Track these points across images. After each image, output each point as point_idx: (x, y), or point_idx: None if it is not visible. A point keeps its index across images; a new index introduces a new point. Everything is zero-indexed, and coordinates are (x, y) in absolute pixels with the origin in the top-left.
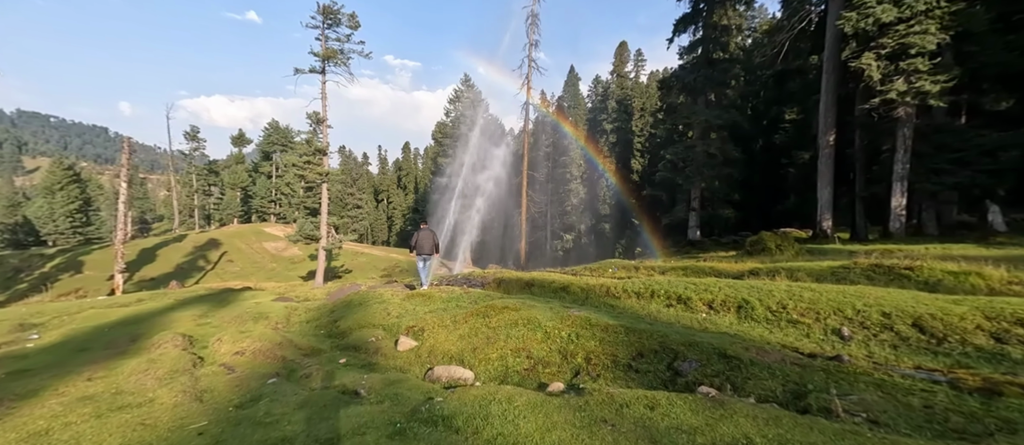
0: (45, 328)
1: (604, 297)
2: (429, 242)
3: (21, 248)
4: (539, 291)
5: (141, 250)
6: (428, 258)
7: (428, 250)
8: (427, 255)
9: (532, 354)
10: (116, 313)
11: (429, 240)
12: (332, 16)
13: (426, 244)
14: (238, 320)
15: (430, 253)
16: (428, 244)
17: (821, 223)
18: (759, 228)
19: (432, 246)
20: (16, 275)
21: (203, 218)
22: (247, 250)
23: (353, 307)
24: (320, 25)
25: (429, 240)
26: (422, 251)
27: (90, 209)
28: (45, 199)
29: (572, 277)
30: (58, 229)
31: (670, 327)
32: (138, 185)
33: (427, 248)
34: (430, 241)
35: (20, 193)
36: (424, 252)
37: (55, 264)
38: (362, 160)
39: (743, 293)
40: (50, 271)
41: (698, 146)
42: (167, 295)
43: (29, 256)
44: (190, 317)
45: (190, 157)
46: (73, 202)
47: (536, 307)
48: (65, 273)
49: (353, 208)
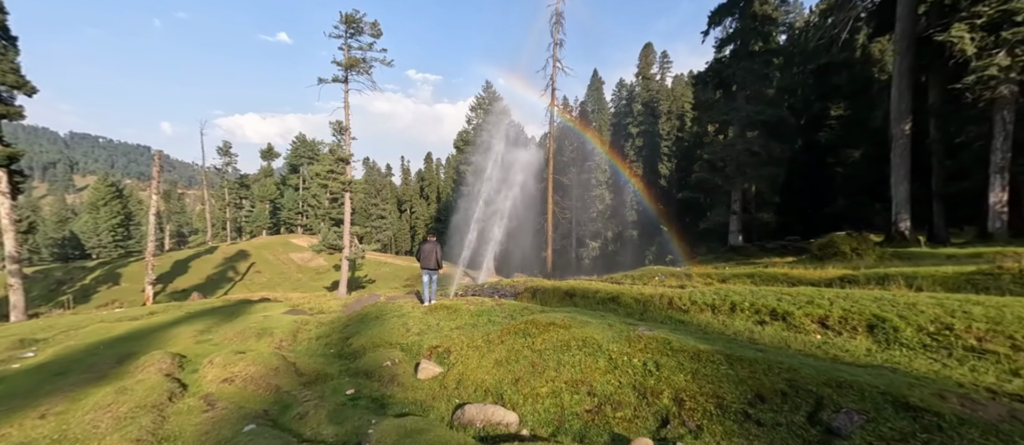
0: (47, 344)
1: (667, 310)
2: (433, 256)
3: (67, 261)
4: (583, 302)
5: (175, 262)
6: (433, 273)
7: (432, 264)
8: (432, 269)
9: (595, 389)
10: (121, 328)
11: (433, 254)
12: (355, 25)
13: (430, 258)
14: (240, 336)
15: (434, 268)
16: (432, 258)
17: (897, 224)
18: (803, 233)
19: (436, 262)
20: (59, 287)
21: (235, 230)
22: (274, 261)
23: (368, 321)
24: (343, 34)
25: (433, 254)
26: (427, 264)
27: (131, 223)
28: (90, 214)
29: (617, 286)
30: (101, 243)
31: (787, 354)
32: (176, 200)
33: (431, 262)
34: (434, 255)
35: (70, 209)
36: (428, 266)
37: (95, 276)
38: (385, 171)
39: (870, 307)
40: (90, 283)
41: (738, 144)
42: (180, 308)
43: (72, 269)
44: (191, 333)
45: (223, 172)
46: (115, 217)
47: (590, 323)
48: (104, 285)
49: (377, 218)
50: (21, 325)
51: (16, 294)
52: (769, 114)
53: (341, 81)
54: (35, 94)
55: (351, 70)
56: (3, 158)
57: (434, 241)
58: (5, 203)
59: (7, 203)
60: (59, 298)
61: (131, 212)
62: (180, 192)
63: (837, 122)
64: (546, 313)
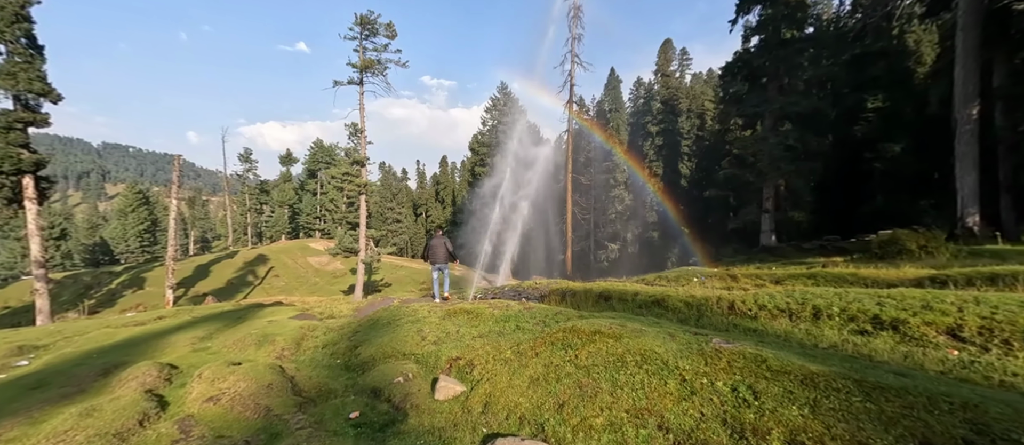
0: (46, 351)
1: (728, 316)
2: (442, 250)
3: (96, 266)
4: (622, 306)
5: (197, 266)
6: (443, 267)
7: (442, 259)
8: (442, 264)
9: (668, 422)
10: (123, 334)
11: (442, 248)
12: (369, 26)
13: (440, 252)
14: (239, 344)
15: (445, 262)
16: (441, 252)
17: (965, 219)
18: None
19: (446, 255)
20: (87, 291)
21: (255, 235)
22: (292, 265)
23: (380, 328)
24: (358, 36)
25: (442, 248)
26: (436, 260)
27: (157, 229)
28: (119, 221)
29: (657, 287)
30: (129, 248)
31: (941, 381)
32: (200, 206)
33: (441, 257)
34: (443, 249)
35: (101, 216)
36: (437, 261)
37: (121, 281)
38: (401, 175)
39: (1021, 313)
40: (116, 287)
41: (771, 138)
42: (189, 312)
43: (100, 273)
44: (189, 341)
45: (243, 178)
46: (142, 223)
47: (645, 332)
48: (129, 289)
49: (393, 222)
50: (29, 331)
51: (42, 299)
52: (804, 105)
53: (356, 83)
54: (60, 101)
55: (366, 72)
56: (29, 164)
57: (442, 235)
58: (32, 209)
59: (34, 209)
60: (87, 302)
61: (157, 218)
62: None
63: (875, 114)
64: (587, 319)
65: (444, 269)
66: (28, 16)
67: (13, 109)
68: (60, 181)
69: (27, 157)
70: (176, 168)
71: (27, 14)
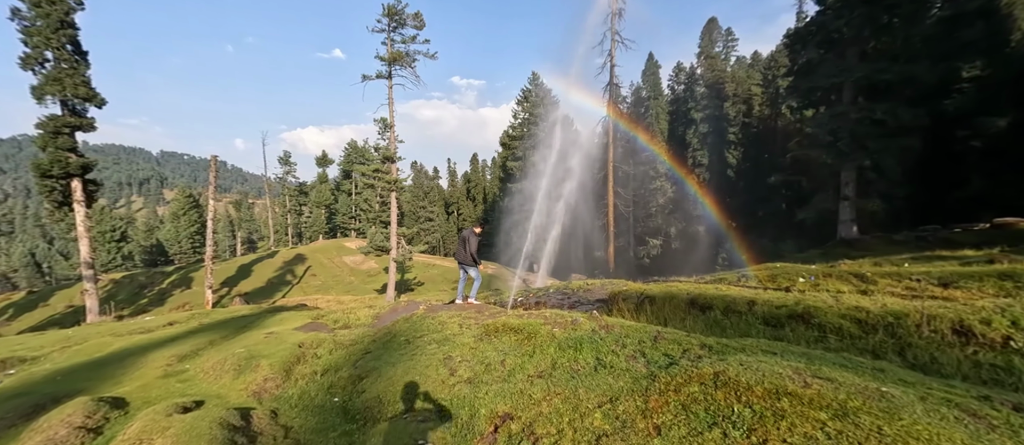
0: (34, 363)
1: (963, 347)
2: (465, 248)
3: (153, 266)
4: (735, 321)
5: (239, 266)
6: (467, 268)
7: (463, 259)
8: (466, 264)
9: None
10: (116, 345)
11: (465, 245)
12: (397, 17)
13: (462, 249)
14: (217, 369)
15: (470, 263)
16: (463, 250)
17: None
18: (924, 221)
19: (468, 254)
20: (141, 291)
21: (295, 235)
22: (329, 264)
23: (395, 349)
24: (386, 28)
25: (465, 245)
26: (459, 258)
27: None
28: (172, 223)
29: (772, 294)
30: (181, 249)
31: None
32: (246, 208)
33: (463, 255)
34: (466, 247)
35: (159, 219)
36: (459, 259)
37: (171, 280)
38: (433, 174)
39: None
40: (167, 287)
41: (852, 112)
42: (204, 316)
43: (153, 273)
44: (167, 360)
45: (283, 181)
46: (193, 225)
47: (894, 401)
48: (178, 288)
49: (425, 221)
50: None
51: (91, 298)
52: (896, 72)
53: (384, 77)
54: (104, 106)
55: (394, 64)
56: (77, 168)
57: (470, 230)
58: (80, 211)
59: (82, 211)
60: (140, 301)
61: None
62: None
63: (972, 85)
64: (730, 359)
65: (469, 271)
66: (72, 22)
67: (61, 114)
68: (124, 187)
69: (74, 160)
70: (212, 168)
71: (71, 21)
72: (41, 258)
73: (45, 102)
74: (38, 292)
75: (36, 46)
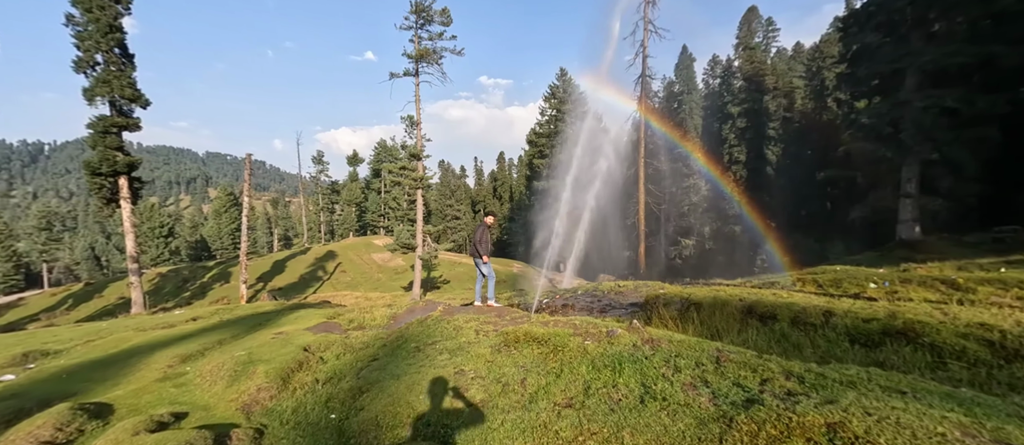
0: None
1: None
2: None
3: (196, 261)
4: (809, 334)
5: (274, 262)
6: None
7: (471, 252)
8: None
9: None
10: (134, 340)
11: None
12: (425, 13)
13: (471, 246)
14: (214, 373)
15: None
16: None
17: None
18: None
19: (473, 248)
20: (184, 284)
21: (328, 233)
22: (358, 261)
23: (403, 357)
24: (414, 25)
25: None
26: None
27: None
28: (214, 220)
29: (835, 299)
30: (222, 245)
31: None
32: (283, 206)
33: (471, 250)
34: (472, 241)
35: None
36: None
37: (212, 274)
38: (460, 173)
39: None
40: (207, 281)
41: (917, 100)
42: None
43: (196, 268)
44: (170, 360)
45: (317, 179)
46: (234, 222)
47: None
48: (217, 282)
49: (451, 218)
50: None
51: (135, 291)
52: (971, 54)
53: (412, 74)
54: (149, 106)
55: (421, 61)
56: (123, 166)
57: (480, 223)
58: (127, 207)
59: (128, 207)
60: (183, 294)
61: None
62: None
63: None
64: (877, 414)
65: (479, 267)
66: (120, 26)
67: (109, 114)
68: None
69: (122, 159)
70: (247, 167)
71: (119, 25)
72: (100, 252)
73: (95, 103)
74: (94, 284)
75: (87, 50)
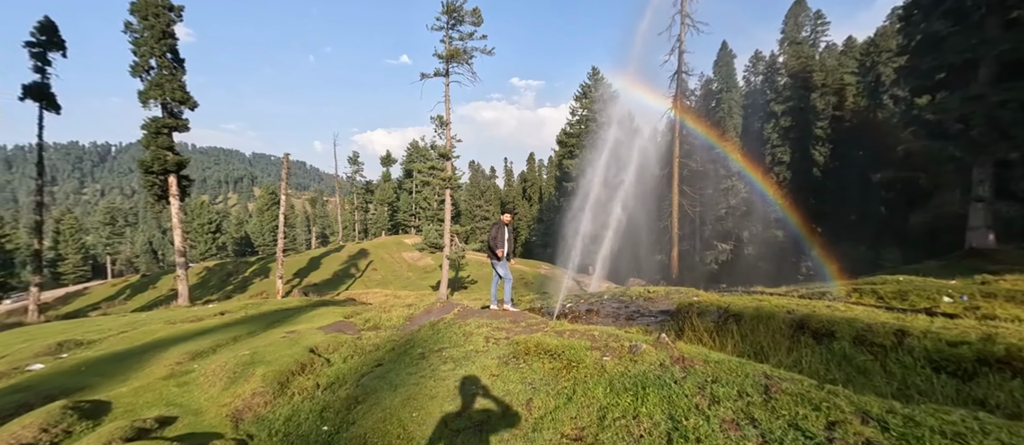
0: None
1: None
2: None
3: (240, 256)
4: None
5: (310, 259)
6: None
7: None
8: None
9: None
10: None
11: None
12: (456, 13)
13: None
14: (217, 373)
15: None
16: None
17: None
18: None
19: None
20: (228, 278)
21: (362, 232)
22: (389, 260)
23: (404, 366)
24: (444, 25)
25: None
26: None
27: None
28: (258, 218)
29: (908, 316)
30: (264, 242)
31: None
32: (321, 205)
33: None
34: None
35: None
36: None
37: (253, 269)
38: (490, 173)
39: None
40: (249, 276)
41: (992, 94)
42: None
43: (239, 263)
44: (180, 357)
45: (352, 179)
46: (274, 220)
47: None
48: (258, 277)
49: (480, 219)
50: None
51: (181, 284)
52: None
53: (442, 75)
54: (197, 108)
55: (452, 62)
56: (173, 164)
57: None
58: (175, 204)
59: (176, 204)
60: (226, 287)
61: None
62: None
63: None
64: None
65: (496, 268)
66: (172, 33)
67: (161, 116)
68: (223, 184)
69: (171, 158)
70: (284, 166)
71: (171, 31)
72: (157, 246)
73: (148, 105)
74: (149, 276)
75: (143, 55)
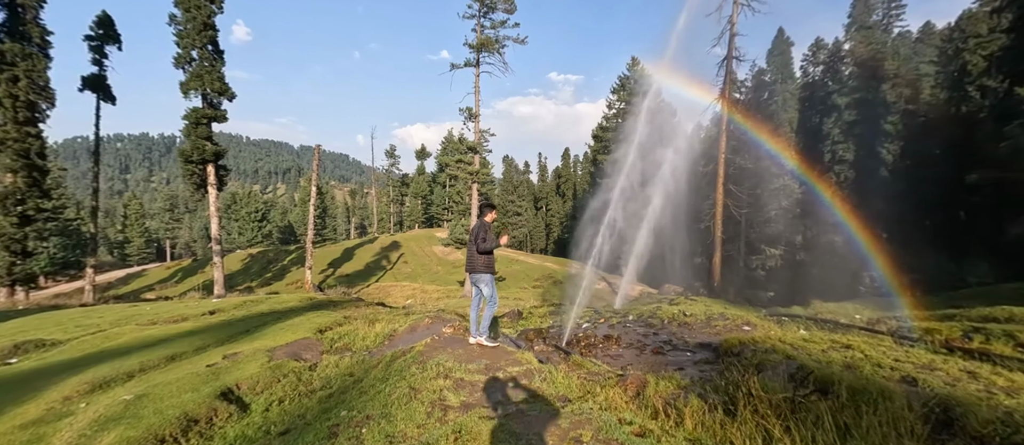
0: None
1: None
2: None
3: (284, 244)
4: None
5: (345, 249)
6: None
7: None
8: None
9: None
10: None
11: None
12: (488, 1)
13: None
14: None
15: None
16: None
17: None
18: None
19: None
20: (268, 266)
21: (396, 224)
22: (420, 253)
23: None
24: (476, 13)
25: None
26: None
27: (326, 214)
28: (300, 208)
29: None
30: (305, 231)
31: None
32: (361, 197)
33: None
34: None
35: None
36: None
37: (291, 258)
38: (524, 169)
39: None
40: (287, 264)
41: None
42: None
43: (280, 251)
44: (78, 386)
45: (389, 172)
46: (316, 210)
47: None
48: (295, 265)
49: (513, 214)
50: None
51: (217, 271)
52: None
53: (472, 65)
54: (234, 99)
55: (482, 51)
56: (211, 154)
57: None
58: (212, 193)
59: (214, 193)
60: (265, 274)
61: (326, 206)
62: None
63: None
64: None
65: (476, 282)
66: (213, 25)
67: (201, 106)
68: (273, 175)
69: (210, 148)
70: (315, 157)
71: (212, 23)
72: None
73: (189, 96)
74: (198, 260)
75: (185, 47)
